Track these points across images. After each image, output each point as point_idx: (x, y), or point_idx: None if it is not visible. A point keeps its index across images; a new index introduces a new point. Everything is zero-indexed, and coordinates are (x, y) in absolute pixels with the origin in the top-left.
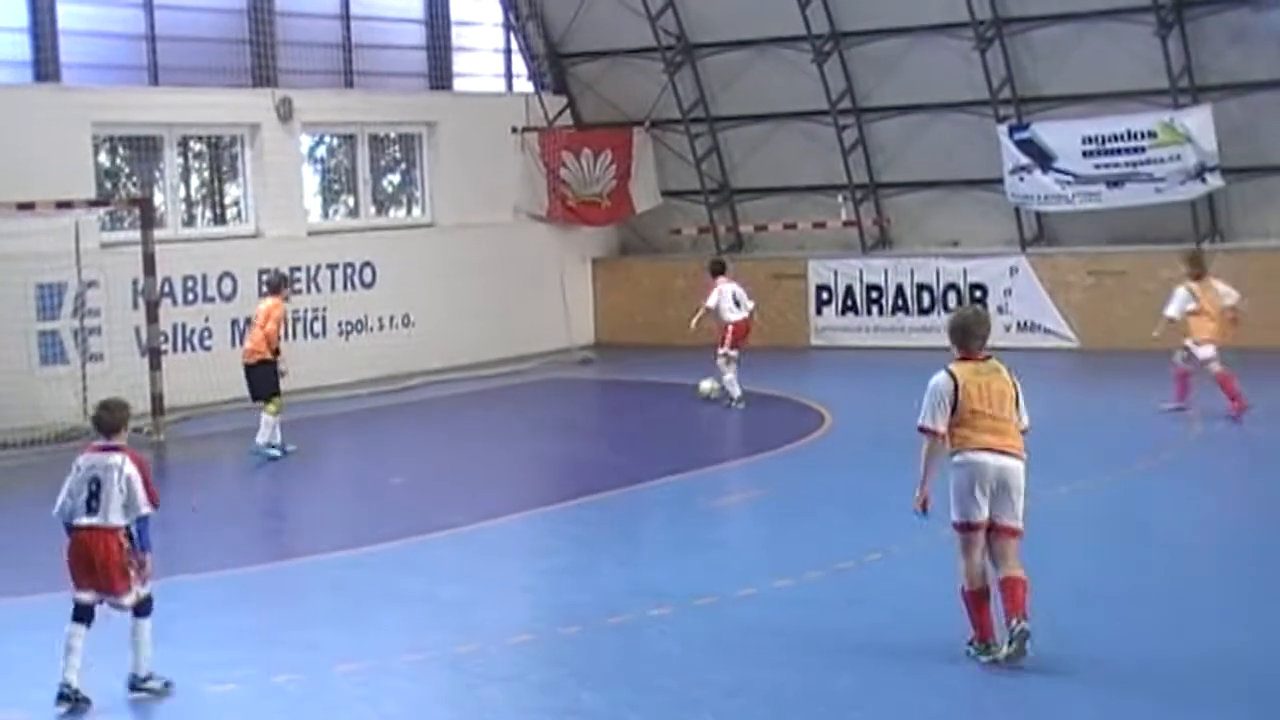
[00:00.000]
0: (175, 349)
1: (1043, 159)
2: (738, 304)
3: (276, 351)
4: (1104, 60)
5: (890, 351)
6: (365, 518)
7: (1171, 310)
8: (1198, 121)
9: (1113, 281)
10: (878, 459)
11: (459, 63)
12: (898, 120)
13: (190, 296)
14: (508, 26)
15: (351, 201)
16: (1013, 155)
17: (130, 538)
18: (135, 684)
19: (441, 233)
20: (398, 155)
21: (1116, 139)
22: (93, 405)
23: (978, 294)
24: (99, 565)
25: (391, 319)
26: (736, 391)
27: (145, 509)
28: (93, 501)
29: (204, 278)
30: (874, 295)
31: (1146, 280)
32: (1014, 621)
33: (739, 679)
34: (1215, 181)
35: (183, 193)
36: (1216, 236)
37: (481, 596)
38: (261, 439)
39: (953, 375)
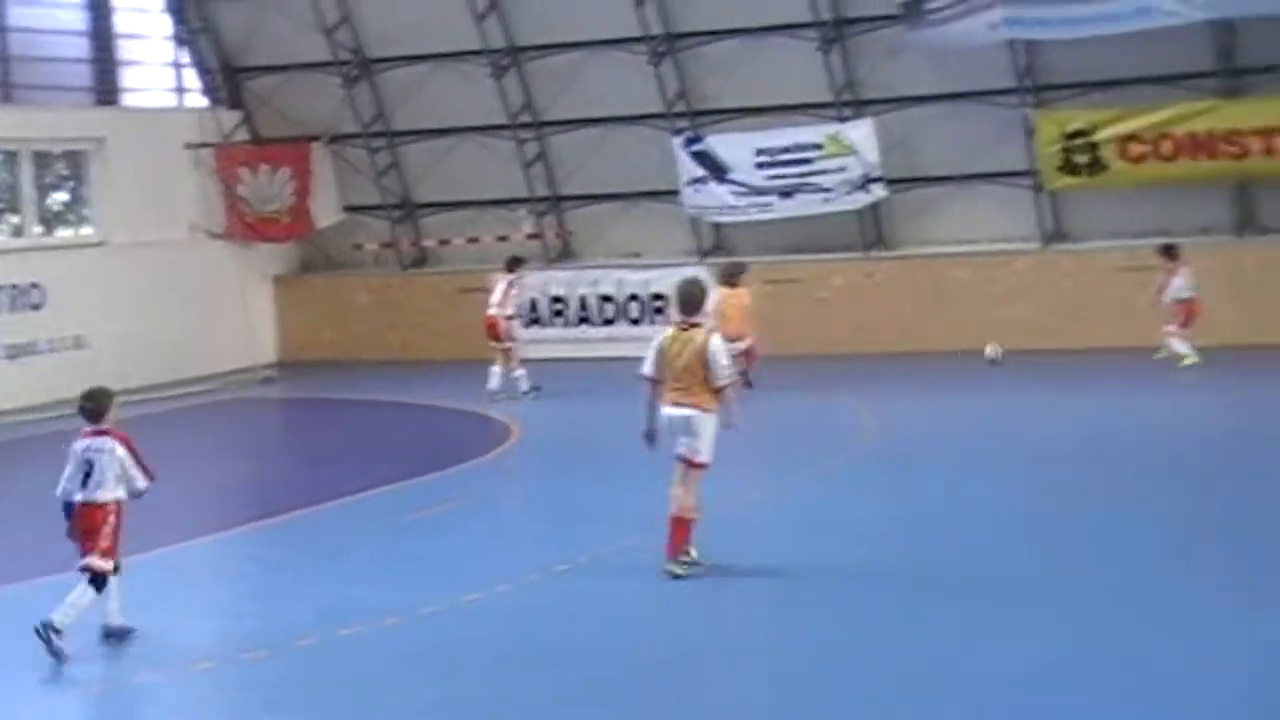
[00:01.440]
0: None
1: (717, 171)
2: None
3: None
4: (773, 74)
5: (576, 362)
6: (41, 547)
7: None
8: (861, 134)
9: (787, 289)
10: (565, 469)
11: (128, 77)
12: (577, 133)
13: None
14: (178, 39)
15: (16, 220)
16: (688, 167)
17: (118, 513)
18: (44, 629)
19: (114, 251)
20: (65, 172)
21: (786, 151)
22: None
23: (659, 304)
24: (88, 533)
25: (63, 341)
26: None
27: (142, 483)
28: (87, 480)
29: None
30: (558, 307)
31: (819, 288)
32: (669, 565)
33: (432, 696)
34: (879, 192)
35: None
36: (881, 245)
37: (162, 624)
38: None
39: (664, 336)
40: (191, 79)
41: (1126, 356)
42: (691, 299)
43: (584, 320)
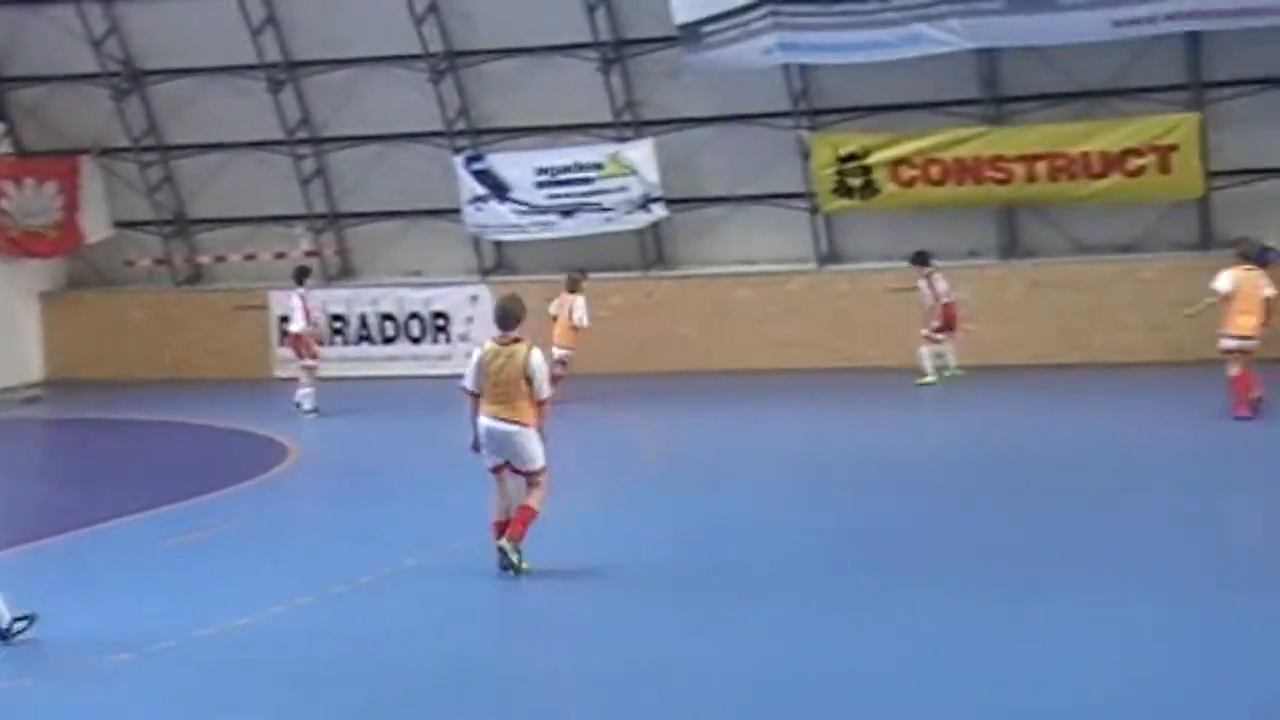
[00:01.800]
0: None
1: (499, 189)
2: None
3: None
4: (554, 94)
5: (356, 381)
6: None
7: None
8: (641, 154)
9: None
10: (343, 489)
11: None
12: (357, 150)
13: None
14: None
15: None
16: (470, 186)
17: None
18: None
19: None
20: None
21: (567, 170)
22: None
23: (440, 322)
24: None
25: None
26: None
27: None
28: None
29: None
30: (338, 325)
31: (600, 306)
32: (503, 540)
33: None
34: (659, 211)
35: None
36: (662, 264)
37: None
38: None
39: (484, 350)
40: None
41: (895, 374)
42: (510, 315)
43: (364, 339)
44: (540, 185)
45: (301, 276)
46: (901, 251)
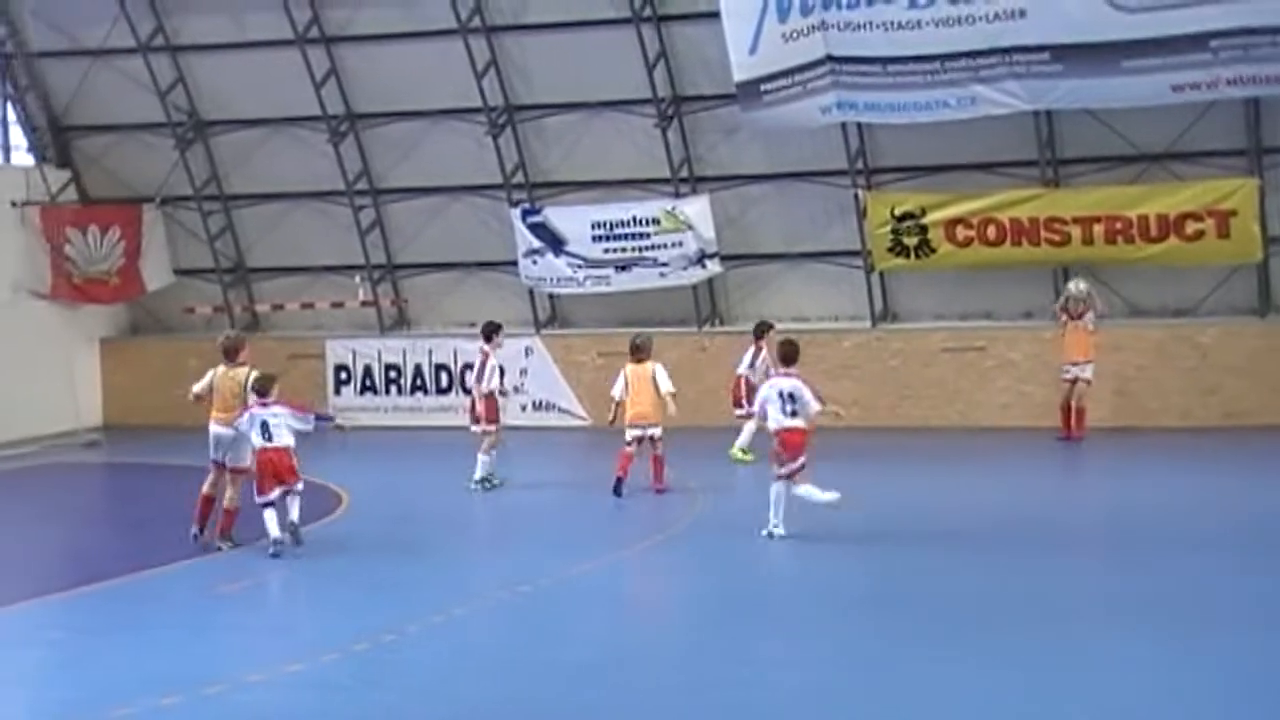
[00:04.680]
0: None
1: (554, 242)
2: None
3: None
4: (611, 149)
5: (409, 431)
6: None
7: None
8: (697, 210)
9: (621, 362)
10: (395, 539)
11: None
12: (415, 202)
13: None
14: (4, 96)
15: None
16: (526, 238)
17: None
18: None
19: None
20: None
21: (623, 225)
22: None
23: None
24: None
25: None
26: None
27: None
28: None
29: None
30: (392, 375)
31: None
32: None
33: None
34: (714, 267)
35: None
36: (716, 320)
37: None
38: None
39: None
40: (18, 136)
41: (948, 435)
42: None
43: (419, 389)
44: (596, 239)
45: (492, 333)
46: (956, 311)
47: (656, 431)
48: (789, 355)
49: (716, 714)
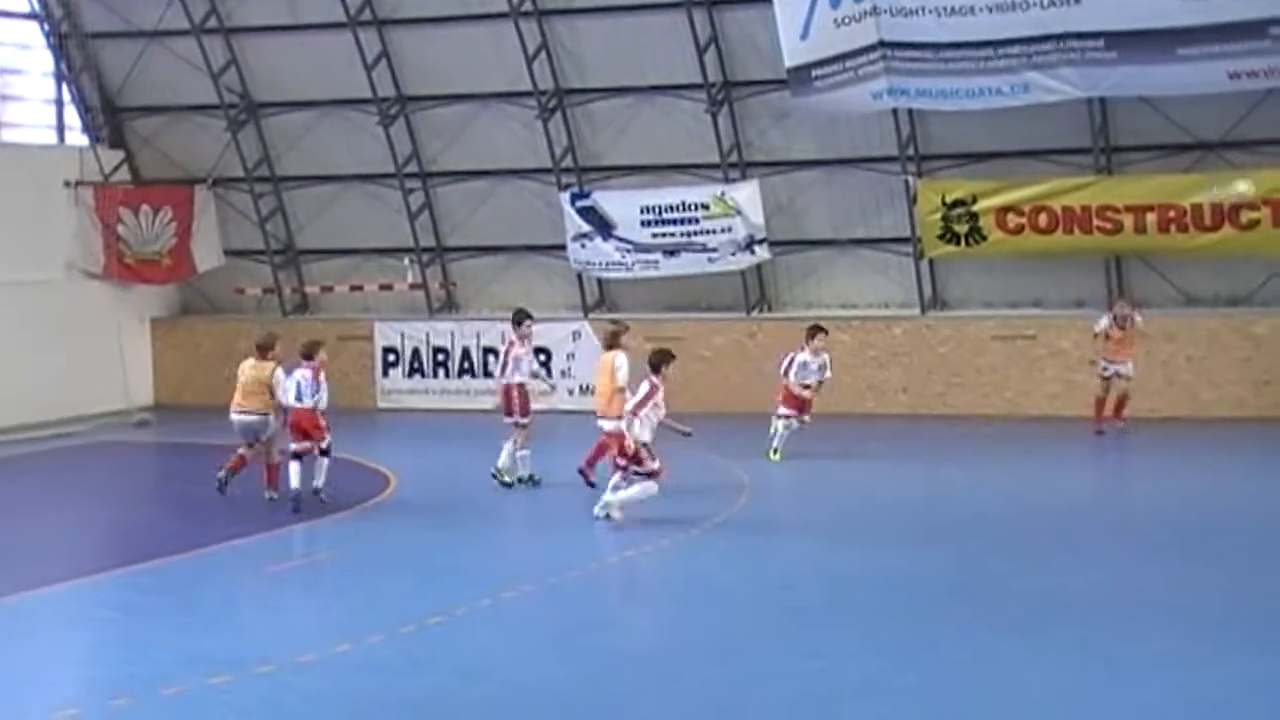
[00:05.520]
0: None
1: (603, 227)
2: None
3: None
4: (660, 133)
5: (457, 414)
6: None
7: None
8: (746, 195)
9: (670, 347)
10: (442, 522)
11: (7, 112)
12: (464, 185)
13: None
14: (59, 77)
15: None
16: (575, 222)
17: None
18: None
19: None
20: None
21: (672, 209)
22: None
23: (541, 358)
24: None
25: None
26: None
27: None
28: None
29: None
30: (440, 358)
31: (701, 346)
32: None
33: None
34: (763, 253)
35: None
36: (765, 306)
37: (21, 672)
38: None
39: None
40: (72, 117)
41: (996, 424)
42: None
43: (466, 372)
44: (645, 224)
45: (519, 321)
46: (1006, 300)
47: (606, 425)
48: (653, 362)
49: (764, 707)
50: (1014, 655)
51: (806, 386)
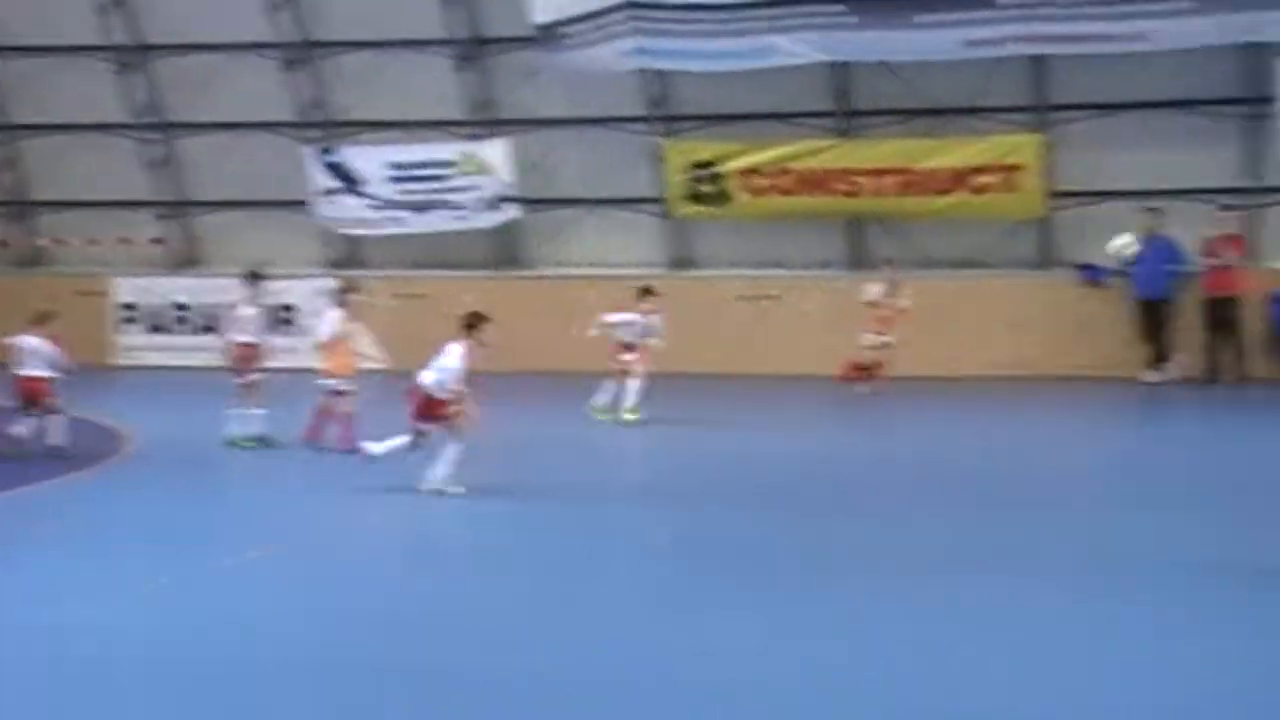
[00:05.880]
0: None
1: (351, 183)
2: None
3: None
4: (409, 89)
5: (199, 371)
6: None
7: None
8: (496, 153)
9: (416, 305)
10: (178, 482)
11: None
12: (208, 138)
13: None
14: None
15: None
16: (321, 178)
17: None
18: None
19: None
20: None
21: (421, 166)
22: None
23: (286, 314)
24: None
25: None
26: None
27: None
28: None
29: None
30: (181, 315)
31: (449, 304)
32: None
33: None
34: (512, 211)
35: None
36: (513, 264)
37: None
38: None
39: None
40: None
41: (741, 380)
42: None
43: (208, 330)
44: (393, 180)
45: (252, 278)
46: (752, 259)
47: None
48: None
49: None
50: (754, 613)
51: (630, 346)
